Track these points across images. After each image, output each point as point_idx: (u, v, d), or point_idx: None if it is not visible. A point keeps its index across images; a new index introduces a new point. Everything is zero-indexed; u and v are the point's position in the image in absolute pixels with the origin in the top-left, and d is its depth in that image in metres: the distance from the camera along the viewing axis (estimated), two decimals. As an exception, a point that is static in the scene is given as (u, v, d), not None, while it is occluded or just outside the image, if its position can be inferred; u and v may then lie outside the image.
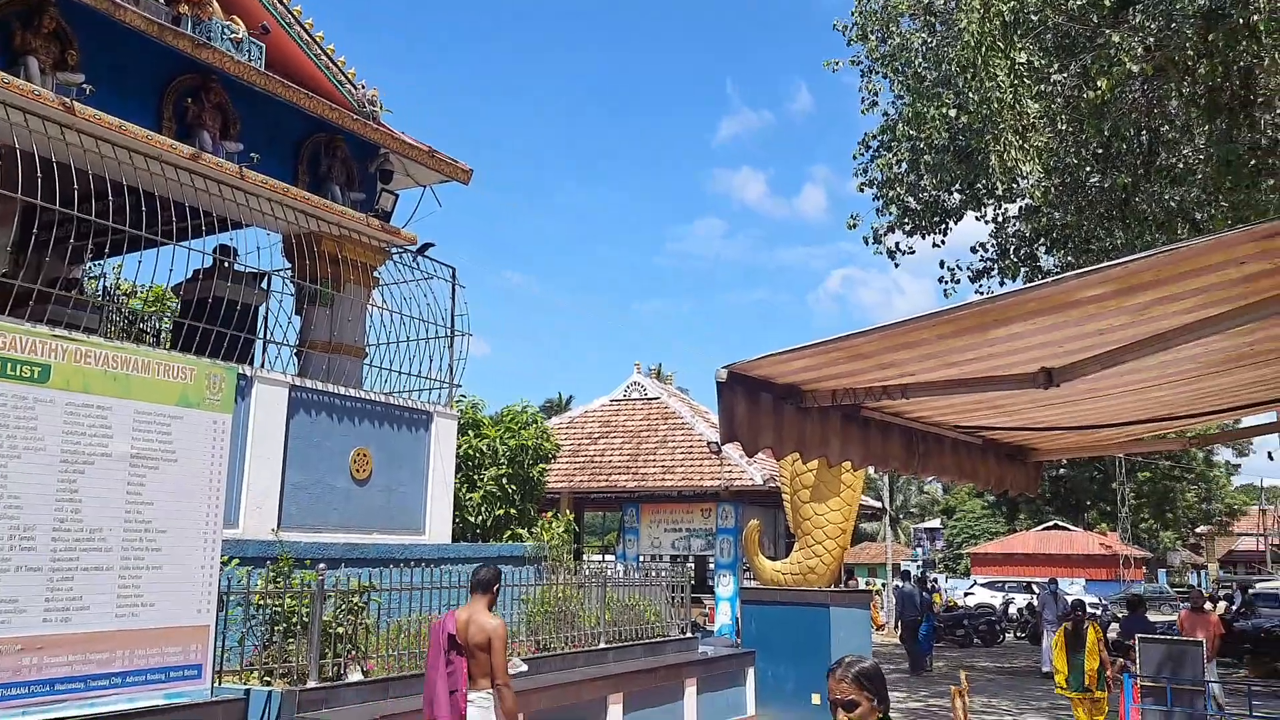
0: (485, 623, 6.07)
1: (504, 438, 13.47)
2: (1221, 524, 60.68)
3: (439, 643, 6.15)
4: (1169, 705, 11.30)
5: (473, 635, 6.05)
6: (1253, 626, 20.95)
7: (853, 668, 3.13)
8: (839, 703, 3.05)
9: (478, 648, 6.03)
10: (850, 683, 3.08)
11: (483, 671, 6.05)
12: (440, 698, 6.01)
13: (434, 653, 6.19)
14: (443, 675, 6.04)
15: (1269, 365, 4.68)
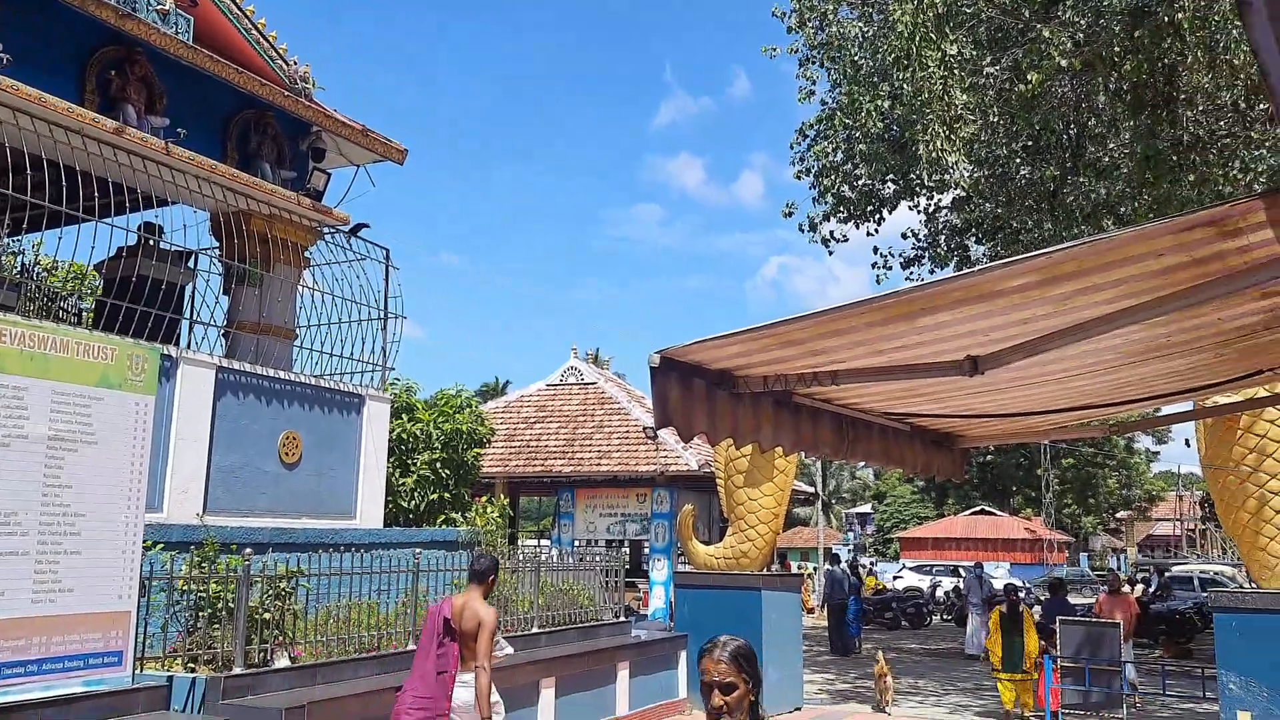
0: (479, 611, 6.34)
1: (438, 422, 13.35)
2: (1141, 509, 62.62)
3: (434, 626, 6.42)
4: (1087, 685, 11.66)
5: (466, 621, 6.33)
6: (1168, 608, 21.67)
7: (729, 648, 2.96)
8: (717, 685, 2.88)
9: (470, 633, 6.30)
10: (729, 664, 2.91)
11: (474, 655, 6.32)
12: (426, 675, 6.28)
13: (427, 635, 6.46)
14: (432, 656, 6.32)
15: (1185, 356, 4.82)
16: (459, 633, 6.36)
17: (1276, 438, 9.42)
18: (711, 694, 2.88)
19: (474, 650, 6.29)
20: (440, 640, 6.36)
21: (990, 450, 52.73)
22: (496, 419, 21.51)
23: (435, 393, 14.19)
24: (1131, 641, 13.59)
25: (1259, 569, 9.63)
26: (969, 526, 53.76)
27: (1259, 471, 9.48)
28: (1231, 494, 9.74)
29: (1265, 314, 4.09)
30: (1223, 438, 9.76)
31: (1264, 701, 9.20)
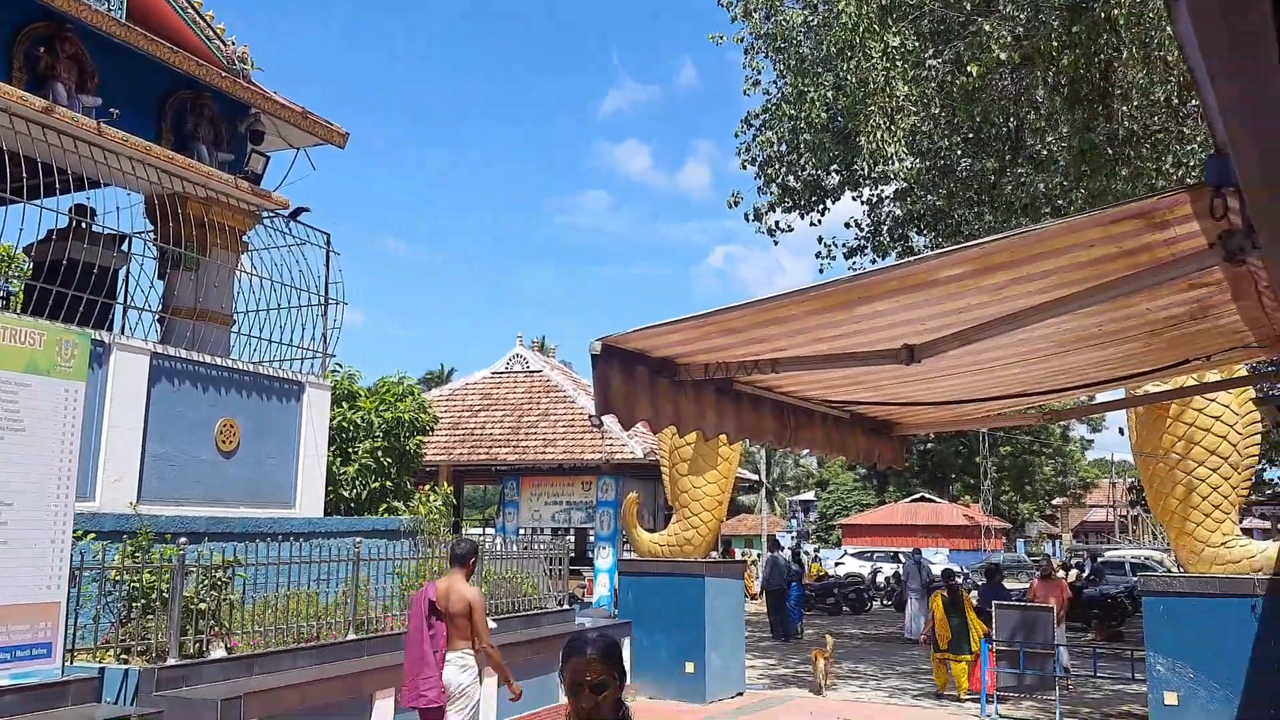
0: (465, 592, 6.76)
1: (380, 409, 13.22)
2: (1075, 496, 64.12)
3: (421, 610, 6.75)
4: (1021, 668, 11.93)
5: (453, 603, 6.70)
6: (1100, 593, 22.22)
7: (599, 646, 2.80)
8: (589, 684, 2.72)
9: (458, 614, 6.69)
10: (600, 662, 2.75)
11: (461, 635, 6.74)
12: (428, 658, 6.66)
13: (416, 619, 6.79)
14: (427, 639, 6.68)
15: (1115, 346, 4.93)
16: (445, 614, 6.71)
17: (1204, 426, 9.68)
18: (582, 694, 2.73)
19: (461, 630, 6.69)
20: (430, 623, 6.72)
21: (930, 438, 53.57)
22: (441, 407, 21.35)
23: (377, 380, 14.04)
24: (1064, 625, 13.92)
25: (1186, 554, 9.91)
26: (909, 513, 54.58)
27: (1187, 459, 9.74)
28: (1161, 480, 10.00)
29: (1192, 305, 4.20)
30: (1153, 426, 10.00)
31: (1189, 682, 9.48)
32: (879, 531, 52.44)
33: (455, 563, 7.01)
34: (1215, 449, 9.64)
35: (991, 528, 49.29)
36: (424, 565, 10.12)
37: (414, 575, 9.96)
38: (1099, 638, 18.87)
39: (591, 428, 20.12)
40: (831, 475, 68.03)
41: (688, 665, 12.00)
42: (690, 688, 11.95)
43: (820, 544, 55.87)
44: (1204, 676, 9.42)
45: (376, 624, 9.18)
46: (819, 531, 61.72)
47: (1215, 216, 2.99)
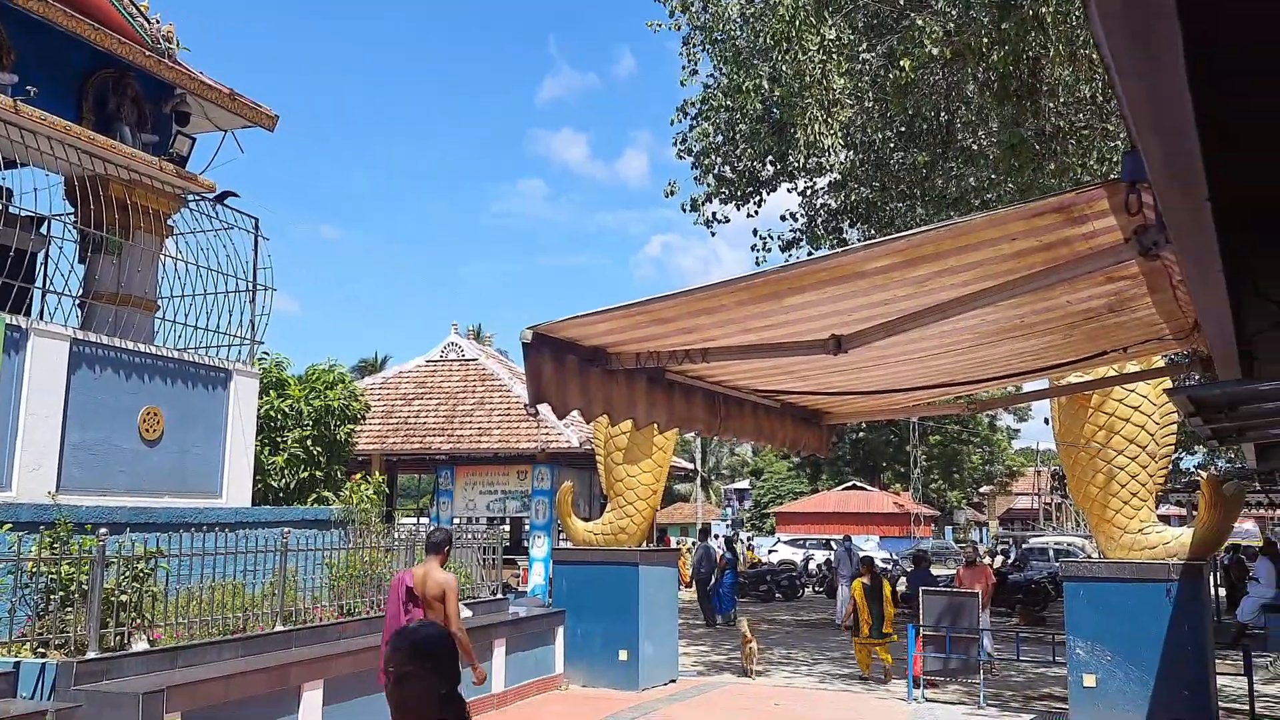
0: (439, 577, 7.11)
1: (309, 398, 13.02)
2: (1002, 484, 65.61)
3: (398, 595, 7.06)
4: (947, 652, 12.19)
5: (429, 589, 7.04)
6: (1024, 578, 22.78)
7: (409, 637, 2.69)
8: (392, 675, 2.61)
9: (434, 599, 7.02)
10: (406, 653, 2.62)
11: (437, 618, 6.91)
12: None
13: (393, 604, 7.10)
14: (403, 621, 6.84)
15: (1038, 337, 5.05)
16: (422, 598, 7.05)
17: (1124, 416, 9.96)
18: (389, 685, 2.64)
19: (436, 613, 6.97)
20: (406, 607, 7.03)
21: (862, 428, 54.35)
22: (373, 395, 21.09)
23: (307, 368, 13.83)
24: (989, 610, 14.24)
25: (1105, 540, 10.19)
26: (841, 501, 55.37)
27: (1107, 448, 10.02)
28: (1082, 469, 10.27)
29: (1110, 298, 4.31)
30: (1075, 415, 10.27)
31: (1107, 664, 9.76)
32: (812, 519, 53.09)
33: (431, 550, 7.35)
34: (1134, 438, 9.93)
35: (921, 515, 50.24)
36: (354, 556, 10.00)
37: (344, 566, 9.84)
38: (1023, 622, 19.35)
39: (527, 417, 20.04)
40: (766, 464, 68.70)
41: (621, 653, 12.04)
42: (624, 676, 12.00)
43: (754, 532, 56.43)
44: (1121, 659, 9.71)
45: (305, 615, 9.05)
46: (754, 519, 62.36)
47: (1130, 212, 3.07)
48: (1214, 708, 9.64)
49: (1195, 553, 9.69)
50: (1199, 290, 3.06)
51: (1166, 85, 1.56)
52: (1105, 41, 1.55)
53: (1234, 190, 3.18)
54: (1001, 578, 21.20)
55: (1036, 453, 64.65)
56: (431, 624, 2.83)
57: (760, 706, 11.16)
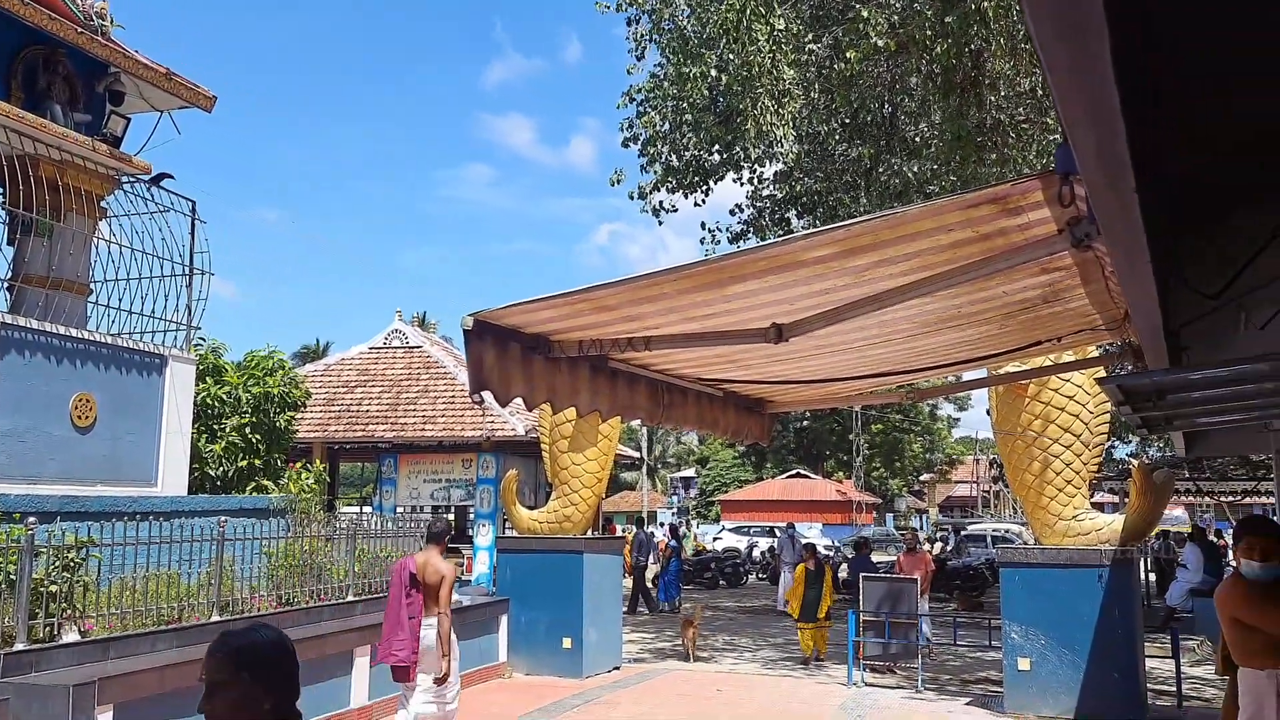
0: (439, 565, 7.55)
1: (248, 385, 12.80)
2: (942, 472, 66.71)
3: (401, 580, 7.48)
4: (887, 637, 12.38)
5: (429, 575, 7.49)
6: (963, 564, 23.20)
7: (230, 642, 2.29)
8: (203, 681, 2.26)
9: (434, 585, 7.48)
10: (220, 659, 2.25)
11: (437, 603, 7.52)
12: (402, 622, 7.39)
13: (395, 589, 7.50)
14: (404, 606, 7.41)
15: (975, 327, 5.12)
16: (423, 585, 7.49)
17: (1059, 405, 10.17)
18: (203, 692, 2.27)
19: (437, 599, 7.45)
20: (409, 592, 7.45)
21: (806, 416, 54.87)
22: (315, 382, 20.80)
23: (246, 354, 13.59)
24: (928, 596, 14.48)
25: (1040, 526, 10.41)
26: (785, 489, 55.85)
27: (1043, 436, 10.23)
28: (1019, 457, 10.47)
29: (1044, 289, 4.39)
30: (1012, 405, 10.46)
31: (1041, 648, 9.99)
32: (756, 507, 53.49)
33: (431, 540, 7.79)
34: (1069, 427, 10.15)
35: (862, 503, 50.89)
36: (294, 545, 9.87)
37: (283, 555, 9.71)
38: (961, 608, 19.70)
39: (472, 405, 19.88)
40: (712, 452, 69.05)
41: (565, 641, 12.05)
42: (568, 663, 12.00)
43: (700, 519, 56.74)
44: (1054, 643, 9.93)
45: (243, 605, 8.92)
46: (699, 507, 62.69)
47: (1063, 203, 3.12)
48: (1143, 690, 9.91)
49: (1126, 539, 9.94)
50: (1128, 281, 3.12)
51: (1094, 77, 1.58)
52: (1035, 33, 1.57)
53: (1164, 184, 3.25)
54: (940, 564, 21.59)
55: (976, 441, 65.83)
56: (265, 627, 2.37)
57: (702, 693, 11.24)
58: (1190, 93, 2.92)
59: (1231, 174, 3.78)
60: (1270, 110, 3.22)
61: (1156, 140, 3.11)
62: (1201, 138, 3.38)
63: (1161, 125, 3.05)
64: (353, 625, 9.49)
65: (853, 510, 49.77)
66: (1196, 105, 3.03)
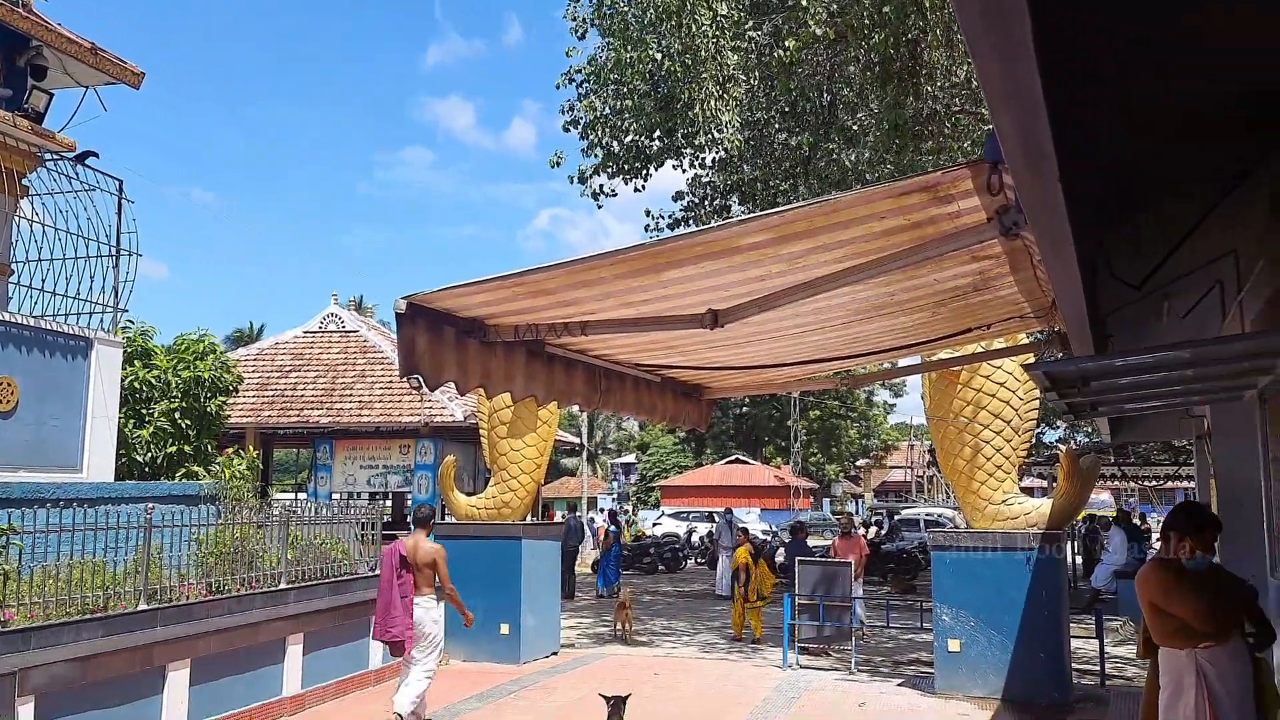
0: (428, 547, 8.33)
1: (177, 369, 12.51)
2: (878, 458, 67.66)
3: (393, 563, 8.11)
4: (821, 620, 12.54)
5: (420, 557, 8.20)
6: (896, 548, 23.58)
7: None
8: None
9: (424, 565, 8.21)
10: None
11: (426, 583, 8.29)
12: (396, 604, 8.03)
13: (387, 570, 8.15)
14: (396, 586, 8.05)
15: (908, 314, 5.19)
16: (414, 566, 8.16)
17: (990, 391, 10.36)
18: None
19: (426, 579, 8.25)
20: (400, 573, 8.08)
21: (745, 403, 55.30)
22: (248, 367, 20.43)
23: (176, 338, 13.27)
24: (862, 580, 14.70)
25: (971, 510, 10.62)
26: (724, 475, 56.21)
27: (974, 422, 10.41)
28: (951, 442, 10.65)
29: (975, 277, 4.46)
30: (945, 391, 10.63)
31: (971, 630, 10.19)
32: (696, 492, 53.75)
33: (418, 525, 8.50)
34: (999, 413, 10.35)
35: (800, 488, 51.43)
36: (224, 532, 9.69)
37: (214, 542, 9.53)
38: (895, 591, 20.03)
39: (410, 390, 19.71)
40: (652, 438, 69.23)
41: (503, 627, 12.01)
42: (505, 649, 11.97)
43: (640, 505, 56.90)
44: (983, 624, 10.15)
45: (172, 593, 8.73)
46: (639, 493, 62.85)
47: (992, 192, 3.17)
48: (1068, 669, 10.17)
49: (1053, 522, 10.18)
50: (1053, 268, 3.18)
51: (1018, 65, 1.60)
52: (960, 17, 1.59)
53: (1090, 175, 3.32)
54: (875, 548, 21.92)
55: (910, 427, 66.92)
56: None
57: (640, 676, 11.29)
58: (1129, 75, 2.97)
59: (1172, 159, 3.86)
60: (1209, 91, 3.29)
61: (1096, 125, 3.17)
62: (1141, 122, 3.45)
63: (1101, 108, 3.10)
64: (285, 613, 9.35)
65: (790, 495, 50.28)
66: (1135, 88, 3.08)
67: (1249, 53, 3.03)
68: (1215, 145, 3.87)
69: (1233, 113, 3.53)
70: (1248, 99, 3.42)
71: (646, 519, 40.49)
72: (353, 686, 10.21)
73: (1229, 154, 3.99)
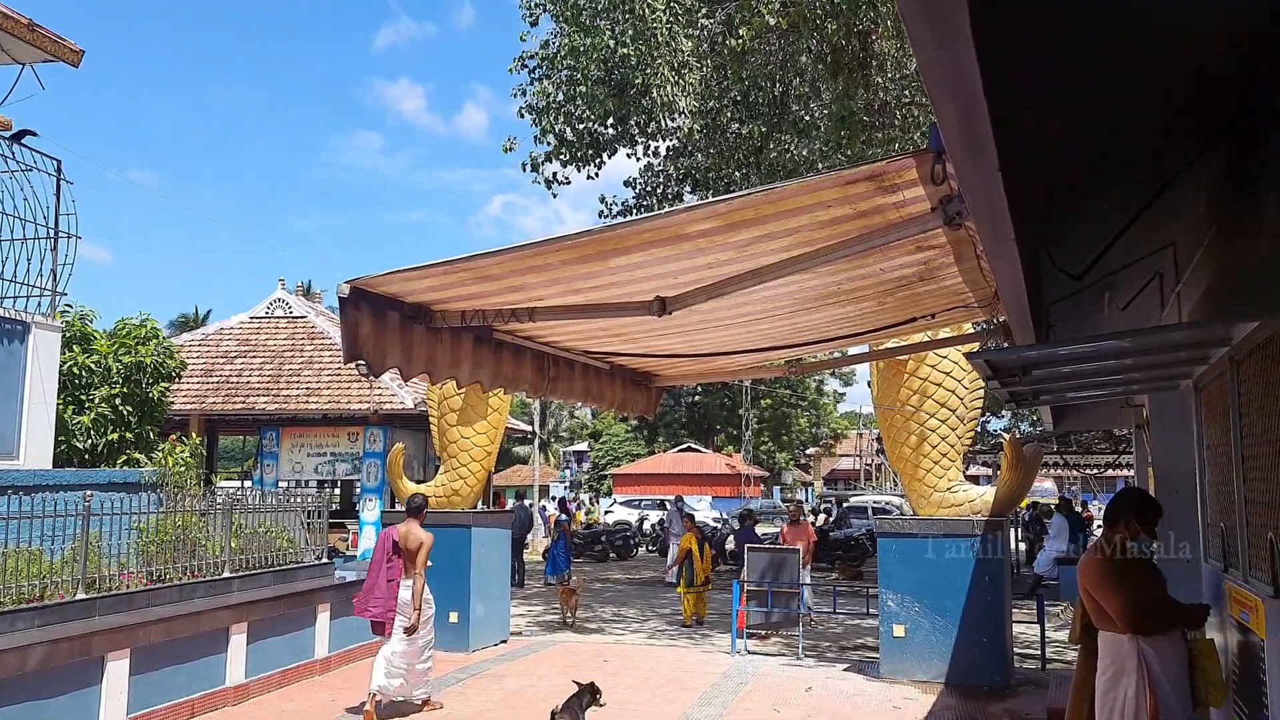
0: (419, 534, 8.66)
1: (119, 354, 12.24)
2: (827, 446, 68.36)
3: (384, 547, 8.62)
4: (769, 606, 12.64)
5: (410, 542, 8.62)
6: (844, 535, 23.82)
7: None
8: None
9: (414, 551, 8.60)
10: None
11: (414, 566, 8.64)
12: (380, 585, 8.49)
13: (379, 553, 8.63)
14: (384, 570, 8.52)
15: (855, 304, 5.23)
16: (404, 551, 8.62)
17: (936, 380, 10.49)
18: None
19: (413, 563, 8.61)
20: (390, 557, 8.57)
21: (697, 392, 55.52)
22: (192, 353, 20.08)
23: (117, 322, 12.98)
24: (810, 566, 14.84)
25: (917, 498, 10.75)
26: (676, 463, 56.45)
27: (920, 411, 10.54)
28: (897, 430, 10.77)
29: (919, 267, 4.50)
30: (892, 380, 10.75)
31: (915, 615, 10.34)
32: (648, 480, 53.95)
33: (410, 514, 8.86)
34: (945, 402, 10.48)
35: (751, 476, 51.78)
36: (166, 520, 9.52)
37: (155, 530, 9.36)
38: (842, 577, 20.26)
39: (359, 377, 19.49)
40: (605, 427, 69.26)
41: (452, 615, 11.94)
42: (454, 637, 11.91)
43: (592, 493, 56.91)
44: (928, 610, 10.29)
45: (112, 582, 8.56)
46: (592, 481, 62.87)
47: (936, 181, 3.20)
48: (1010, 654, 10.36)
49: (997, 510, 10.34)
50: (994, 257, 3.22)
51: (956, 52, 1.61)
52: (900, 5, 1.59)
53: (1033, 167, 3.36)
54: (823, 535, 22.13)
55: (860, 416, 67.62)
56: None
57: (589, 663, 11.30)
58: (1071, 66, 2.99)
59: (1114, 152, 3.91)
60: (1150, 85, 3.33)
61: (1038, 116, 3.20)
62: (1083, 114, 3.49)
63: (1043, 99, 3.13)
64: (229, 602, 9.22)
65: (741, 483, 50.60)
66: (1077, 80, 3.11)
67: (1189, 46, 3.08)
68: (1156, 139, 3.94)
69: (1172, 106, 3.59)
70: (1188, 93, 3.48)
71: (606, 507, 40.44)
72: (298, 676, 10.10)
73: (1169, 147, 4.06)
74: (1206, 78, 3.35)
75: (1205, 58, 3.17)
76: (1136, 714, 4.87)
